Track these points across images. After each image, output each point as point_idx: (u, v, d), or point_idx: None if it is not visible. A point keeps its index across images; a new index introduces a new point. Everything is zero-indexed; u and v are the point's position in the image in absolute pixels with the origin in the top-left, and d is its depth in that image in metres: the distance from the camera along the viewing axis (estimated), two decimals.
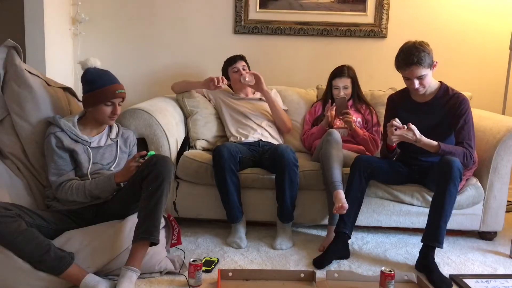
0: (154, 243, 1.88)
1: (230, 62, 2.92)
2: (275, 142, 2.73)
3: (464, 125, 2.24)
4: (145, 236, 1.85)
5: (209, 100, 2.95)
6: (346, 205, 2.19)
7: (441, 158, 2.16)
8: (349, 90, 2.78)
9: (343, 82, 2.77)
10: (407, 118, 2.30)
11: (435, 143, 2.17)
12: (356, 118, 2.74)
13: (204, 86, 2.78)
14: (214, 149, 2.43)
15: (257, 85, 2.80)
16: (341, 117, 2.60)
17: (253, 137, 2.70)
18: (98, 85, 2.06)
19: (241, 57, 2.93)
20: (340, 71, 2.79)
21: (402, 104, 2.42)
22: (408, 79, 2.26)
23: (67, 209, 2.05)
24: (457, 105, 2.26)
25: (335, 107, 2.63)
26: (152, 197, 1.88)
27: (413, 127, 2.15)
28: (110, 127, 2.22)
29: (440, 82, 2.36)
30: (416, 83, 2.23)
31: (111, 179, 2.00)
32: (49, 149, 2.04)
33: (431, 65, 2.23)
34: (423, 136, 2.17)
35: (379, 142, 2.73)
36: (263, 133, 2.75)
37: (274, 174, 2.44)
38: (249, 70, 2.94)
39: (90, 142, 2.10)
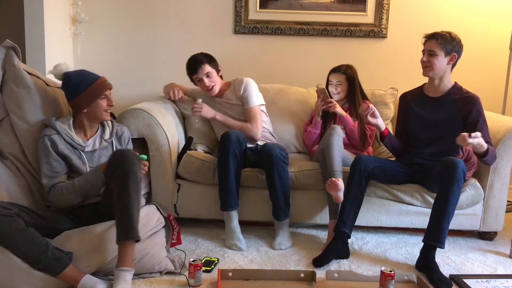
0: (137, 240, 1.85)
1: (191, 71, 2.65)
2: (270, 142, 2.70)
3: (483, 125, 2.29)
4: (124, 237, 1.82)
5: None
6: (341, 195, 2.24)
7: (445, 158, 2.17)
8: (343, 87, 2.77)
9: (337, 78, 2.76)
10: (419, 112, 2.39)
11: (486, 146, 2.15)
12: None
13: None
14: (222, 134, 2.41)
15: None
16: (326, 107, 2.68)
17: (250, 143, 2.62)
18: (88, 83, 2.07)
19: (201, 62, 2.60)
20: (337, 67, 2.80)
21: (414, 99, 2.48)
22: (423, 53, 2.35)
23: (67, 208, 2.05)
24: (471, 105, 2.32)
25: (320, 98, 2.72)
26: (121, 195, 1.84)
27: (473, 134, 2.07)
28: (103, 128, 2.21)
29: (455, 82, 2.41)
30: (425, 56, 2.34)
31: (98, 170, 1.97)
32: (43, 151, 2.03)
33: (449, 52, 2.30)
34: (481, 140, 2.12)
35: (369, 139, 2.70)
36: None
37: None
38: (218, 70, 2.71)
39: (84, 147, 2.09)
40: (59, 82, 2.34)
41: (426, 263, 2.13)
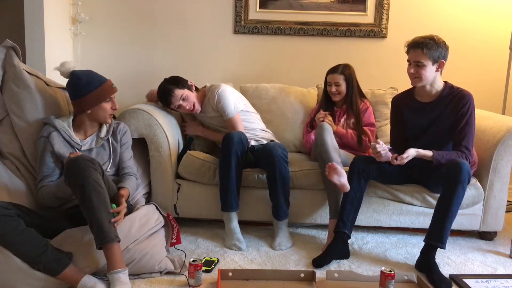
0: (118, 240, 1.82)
1: (166, 103, 2.60)
2: (265, 141, 2.69)
3: (466, 126, 2.23)
4: (100, 242, 1.79)
5: None
6: (345, 182, 2.24)
7: (451, 160, 2.16)
8: (342, 88, 2.76)
9: (335, 79, 2.75)
10: (413, 119, 2.32)
11: (430, 153, 2.19)
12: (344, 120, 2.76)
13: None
14: (225, 135, 2.41)
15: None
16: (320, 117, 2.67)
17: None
18: (96, 84, 2.08)
19: (170, 91, 2.54)
20: (334, 68, 2.79)
21: (406, 104, 2.41)
22: (409, 63, 2.26)
23: (66, 208, 2.05)
24: (460, 104, 2.25)
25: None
26: (83, 203, 1.82)
27: (405, 155, 2.16)
28: (100, 127, 2.21)
29: (445, 82, 2.34)
30: (411, 68, 2.24)
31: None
32: (37, 153, 2.05)
33: (436, 61, 2.21)
34: (420, 150, 2.19)
35: (367, 141, 2.70)
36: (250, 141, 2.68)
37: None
38: (190, 87, 2.62)
39: (81, 146, 2.10)
40: (60, 81, 2.36)
41: (426, 263, 2.13)
